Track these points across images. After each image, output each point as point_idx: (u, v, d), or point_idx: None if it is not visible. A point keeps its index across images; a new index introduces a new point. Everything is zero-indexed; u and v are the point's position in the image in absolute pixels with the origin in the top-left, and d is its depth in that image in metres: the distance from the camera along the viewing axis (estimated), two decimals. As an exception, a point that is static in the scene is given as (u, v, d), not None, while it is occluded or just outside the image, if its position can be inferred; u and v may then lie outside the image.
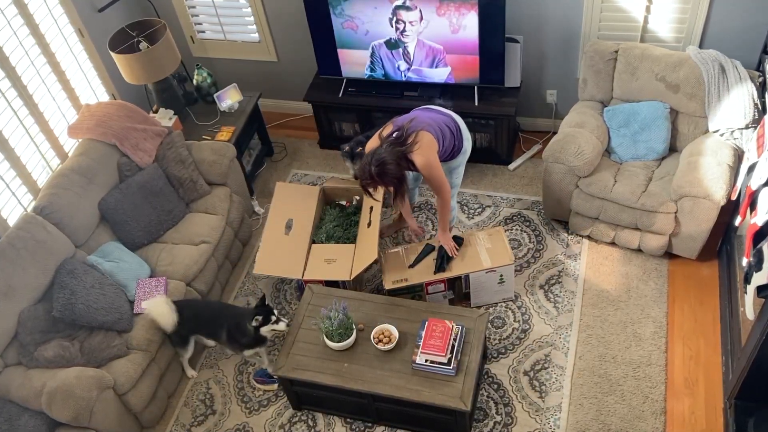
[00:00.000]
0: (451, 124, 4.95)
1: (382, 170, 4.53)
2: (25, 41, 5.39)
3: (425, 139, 4.67)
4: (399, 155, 4.57)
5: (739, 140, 5.02)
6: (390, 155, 4.54)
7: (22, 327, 4.67)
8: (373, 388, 4.43)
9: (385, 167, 4.53)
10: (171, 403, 5.13)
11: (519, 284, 5.40)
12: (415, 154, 4.62)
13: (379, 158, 4.53)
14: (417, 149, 4.62)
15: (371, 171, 4.54)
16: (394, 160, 4.54)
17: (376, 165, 4.52)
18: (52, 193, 5.06)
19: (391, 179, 4.60)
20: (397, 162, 4.56)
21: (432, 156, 4.69)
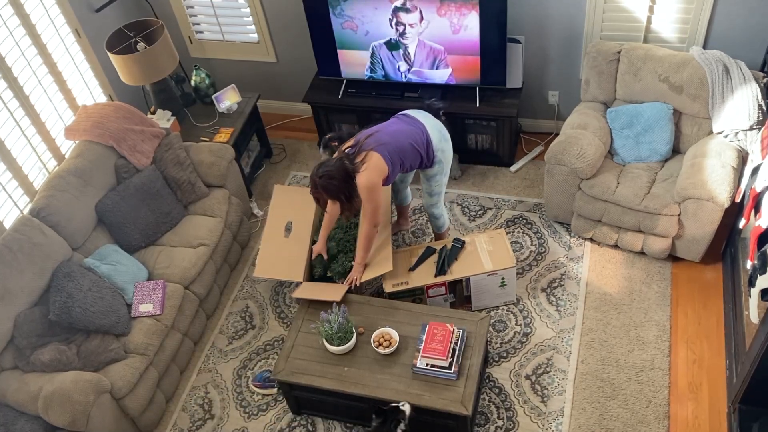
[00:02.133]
0: (419, 137, 4.84)
1: (326, 183, 4.56)
2: (21, 42, 5.36)
3: (372, 161, 4.62)
4: (345, 172, 4.58)
5: (744, 142, 5.00)
6: (337, 171, 4.56)
7: (19, 330, 4.65)
8: (373, 393, 4.41)
9: (329, 181, 4.56)
10: (169, 408, 5.12)
11: (521, 287, 5.38)
12: (359, 175, 4.60)
13: (325, 171, 4.57)
14: (363, 170, 4.59)
15: (316, 181, 4.58)
16: (340, 176, 4.56)
17: (320, 177, 4.56)
18: (48, 195, 5.04)
19: (335, 194, 4.62)
20: (343, 179, 4.57)
21: (374, 179, 4.63)
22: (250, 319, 5.54)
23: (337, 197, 4.63)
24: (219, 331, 5.49)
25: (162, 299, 5.02)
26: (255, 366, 5.24)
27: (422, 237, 5.87)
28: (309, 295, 4.98)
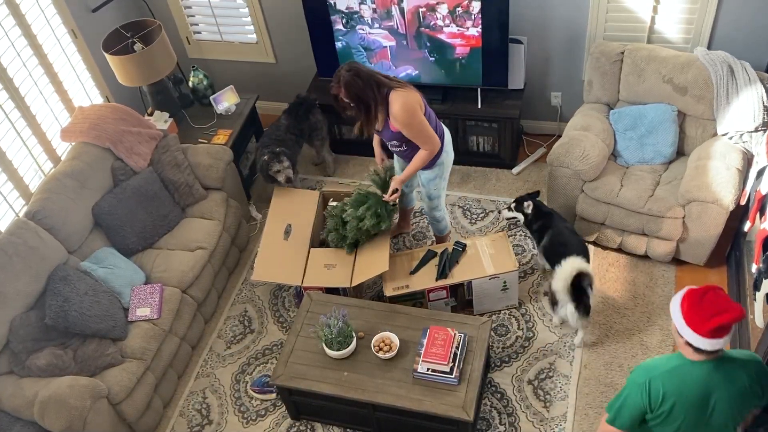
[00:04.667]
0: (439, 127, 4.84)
1: (351, 80, 4.41)
2: (17, 42, 5.35)
3: (412, 92, 4.55)
4: (376, 81, 4.46)
5: (749, 143, 4.99)
6: (368, 75, 4.45)
7: (14, 335, 4.62)
8: (373, 398, 4.39)
9: (354, 78, 4.41)
10: (166, 413, 5.09)
11: (523, 291, 5.35)
12: (395, 93, 4.48)
13: (355, 67, 4.45)
14: (399, 90, 4.50)
15: (341, 74, 4.44)
16: (368, 80, 4.43)
17: (348, 70, 4.42)
18: (44, 197, 5.02)
19: (353, 94, 4.45)
20: (370, 85, 4.44)
21: (411, 101, 4.50)
22: (249, 323, 5.51)
23: (353, 98, 4.47)
24: (217, 335, 5.46)
25: (159, 303, 4.99)
26: (254, 371, 5.21)
27: (423, 240, 5.83)
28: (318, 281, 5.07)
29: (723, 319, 2.87)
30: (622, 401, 3.19)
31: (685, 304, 2.99)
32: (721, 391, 3.04)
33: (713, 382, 3.03)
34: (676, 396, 3.05)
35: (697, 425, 3.13)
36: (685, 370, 3.05)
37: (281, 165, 5.60)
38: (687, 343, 2.99)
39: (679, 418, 3.10)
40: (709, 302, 2.93)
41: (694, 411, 3.08)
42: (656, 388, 3.06)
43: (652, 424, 3.19)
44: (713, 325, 2.88)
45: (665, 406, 3.07)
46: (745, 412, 3.18)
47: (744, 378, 3.06)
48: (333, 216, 5.24)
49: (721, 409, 3.07)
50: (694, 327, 2.93)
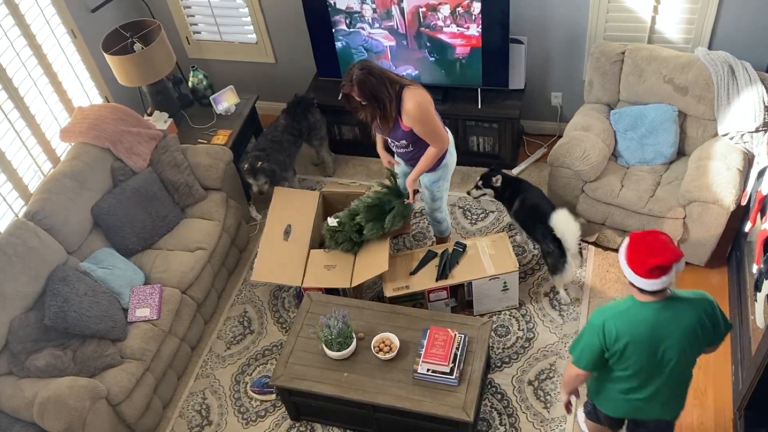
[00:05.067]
0: None
1: (364, 78, 4.35)
2: (16, 42, 5.34)
3: (423, 90, 4.53)
4: (389, 78, 4.43)
5: (749, 144, 4.99)
6: (381, 72, 4.41)
7: (13, 336, 4.61)
8: (373, 399, 4.38)
9: (369, 76, 4.35)
10: (166, 414, 5.08)
11: (523, 292, 5.33)
12: (408, 91, 4.46)
13: (368, 66, 4.41)
14: (412, 88, 4.48)
15: (354, 73, 4.38)
16: (381, 78, 4.39)
17: (361, 69, 4.38)
18: (43, 198, 5.01)
19: (367, 92, 4.40)
20: (383, 82, 4.40)
21: (424, 97, 4.49)
22: (249, 323, 5.50)
23: (367, 97, 4.41)
24: (217, 336, 5.45)
25: (159, 304, 4.98)
26: (253, 371, 5.20)
27: (423, 240, 5.82)
28: (318, 281, 5.07)
29: (658, 261, 3.07)
30: (582, 343, 3.43)
31: (627, 249, 3.21)
32: (670, 329, 3.24)
33: (662, 322, 3.24)
34: (628, 335, 3.25)
35: (651, 363, 3.33)
36: (635, 310, 3.27)
37: (256, 182, 5.67)
38: (632, 284, 3.23)
39: (633, 356, 3.30)
40: (648, 245, 3.14)
41: (645, 349, 3.28)
42: (609, 328, 3.27)
43: (611, 363, 3.39)
44: (649, 266, 3.08)
45: (618, 345, 3.27)
46: (696, 351, 3.39)
47: (692, 316, 3.25)
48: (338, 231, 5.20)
49: (671, 347, 3.27)
50: (634, 268, 3.16)
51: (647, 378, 3.41)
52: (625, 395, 3.53)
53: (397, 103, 4.48)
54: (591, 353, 3.39)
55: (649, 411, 3.59)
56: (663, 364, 3.34)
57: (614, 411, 3.71)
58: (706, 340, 3.36)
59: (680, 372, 3.42)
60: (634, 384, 3.44)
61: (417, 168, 4.78)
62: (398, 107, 4.50)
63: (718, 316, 3.35)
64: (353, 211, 5.15)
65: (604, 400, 3.69)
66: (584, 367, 3.47)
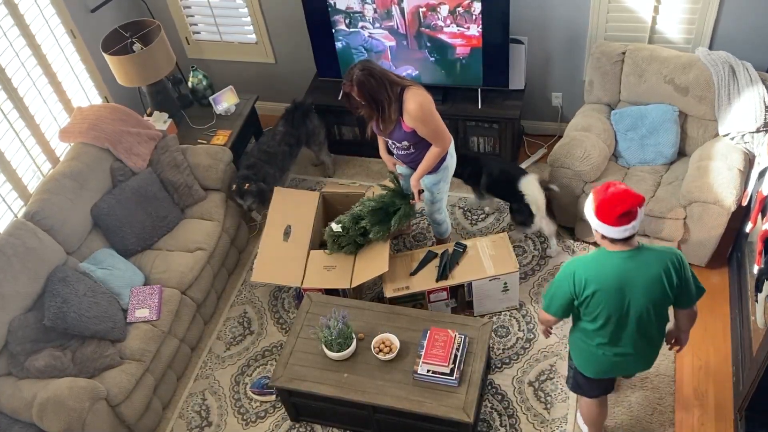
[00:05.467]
0: None
1: (364, 79, 4.34)
2: (15, 42, 5.33)
3: (423, 91, 4.52)
4: (389, 80, 4.42)
5: (750, 144, 4.98)
6: (381, 73, 4.39)
7: (13, 336, 4.61)
8: (373, 400, 4.37)
9: (369, 77, 4.34)
10: (165, 415, 5.07)
11: (524, 292, 5.33)
12: (409, 91, 4.46)
13: (369, 67, 4.39)
14: (413, 88, 4.48)
15: (354, 73, 4.37)
16: (381, 79, 4.38)
17: (362, 70, 4.36)
18: (43, 198, 5.01)
19: (367, 94, 4.39)
20: (383, 83, 4.39)
21: (426, 97, 4.48)
22: (249, 324, 5.49)
23: (366, 98, 4.41)
24: (216, 336, 5.44)
25: (158, 304, 4.97)
26: (253, 372, 5.19)
27: (423, 241, 5.81)
28: (318, 282, 5.07)
29: (625, 207, 3.25)
30: (553, 291, 3.64)
31: (594, 202, 3.37)
32: (635, 278, 3.40)
33: (628, 270, 3.40)
34: (596, 283, 3.42)
35: (618, 313, 3.49)
36: (604, 259, 3.44)
37: (243, 202, 5.66)
38: (603, 236, 3.41)
39: (600, 304, 3.47)
40: (612, 195, 3.31)
41: (612, 298, 3.44)
42: (579, 276, 3.45)
43: (582, 312, 3.59)
44: (618, 213, 3.26)
45: (587, 292, 3.45)
46: (662, 304, 3.53)
47: (657, 266, 3.40)
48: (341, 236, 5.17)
49: (636, 296, 3.43)
50: (604, 219, 3.32)
51: (616, 330, 3.56)
52: (602, 351, 3.68)
53: (399, 105, 4.47)
54: (561, 300, 3.60)
55: (624, 367, 3.84)
56: (629, 314, 3.49)
57: (596, 371, 3.85)
58: (673, 294, 3.49)
59: (649, 324, 3.56)
60: (605, 337, 3.60)
61: (420, 168, 4.77)
62: (399, 108, 4.48)
63: (687, 273, 3.50)
64: (357, 216, 5.12)
65: (585, 362, 3.84)
66: (554, 313, 3.68)
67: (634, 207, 3.26)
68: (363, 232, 5.12)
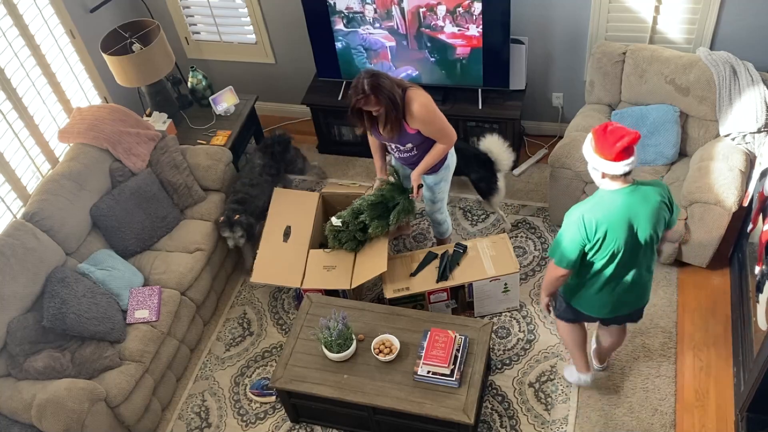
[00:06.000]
0: None
1: (377, 82, 4.32)
2: (14, 42, 5.32)
3: (423, 91, 4.53)
4: (394, 82, 4.41)
5: (751, 145, 4.96)
6: (387, 76, 4.38)
7: (11, 337, 4.59)
8: (373, 401, 4.36)
9: (379, 79, 4.32)
10: (165, 416, 5.06)
11: (524, 293, 5.32)
12: (411, 92, 4.46)
13: (372, 72, 4.37)
14: (414, 89, 4.48)
15: (364, 84, 4.32)
16: (388, 78, 4.37)
17: (370, 77, 4.33)
18: (42, 199, 5.00)
19: (384, 95, 4.35)
20: (392, 82, 4.38)
21: (429, 100, 4.49)
22: (248, 325, 5.48)
23: (384, 100, 4.36)
24: (216, 337, 5.43)
25: (158, 305, 4.95)
26: (253, 373, 5.18)
27: (423, 242, 5.80)
28: (318, 283, 5.07)
29: (626, 142, 3.44)
30: (564, 244, 3.72)
31: (594, 142, 3.55)
32: (640, 209, 3.62)
33: (632, 203, 3.60)
34: (607, 222, 3.59)
35: (628, 245, 3.67)
36: (608, 199, 3.62)
37: (232, 234, 5.43)
38: (604, 175, 3.58)
39: (612, 240, 3.63)
40: (610, 134, 3.49)
41: (622, 231, 3.62)
42: (589, 219, 3.60)
43: (591, 256, 3.73)
44: (620, 149, 3.44)
45: (599, 233, 3.61)
46: (660, 228, 3.76)
47: (656, 197, 3.66)
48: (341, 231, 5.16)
49: (643, 225, 3.64)
50: (606, 155, 3.49)
51: (627, 262, 3.75)
52: (609, 291, 3.89)
53: (402, 107, 4.47)
54: (573, 249, 3.69)
55: (628, 302, 4.02)
56: (638, 244, 3.69)
57: (604, 311, 4.06)
58: (665, 218, 3.76)
59: (649, 252, 3.80)
60: (613, 273, 3.78)
61: (424, 162, 4.76)
62: (403, 111, 4.48)
63: (672, 200, 3.81)
64: (356, 210, 5.11)
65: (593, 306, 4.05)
66: (567, 266, 3.76)
67: (633, 142, 3.46)
68: (363, 227, 5.10)
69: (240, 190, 5.58)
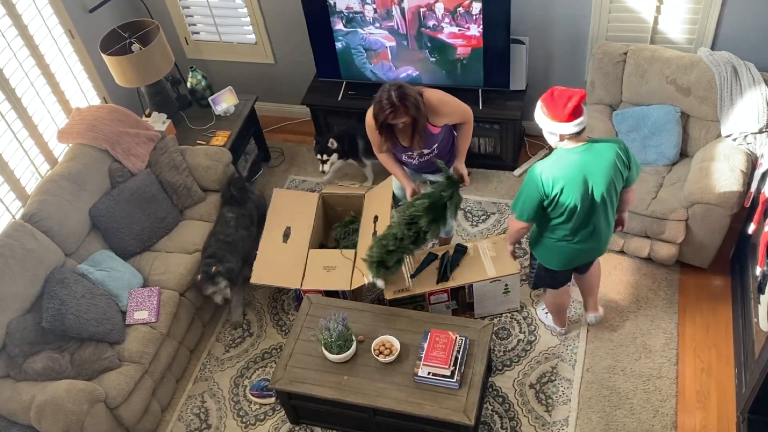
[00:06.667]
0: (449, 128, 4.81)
1: (403, 92, 4.31)
2: (13, 42, 5.30)
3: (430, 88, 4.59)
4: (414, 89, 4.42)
5: (753, 145, 4.94)
6: (408, 86, 4.38)
7: (10, 338, 4.59)
8: (373, 402, 4.35)
9: (404, 89, 4.33)
10: (164, 417, 5.04)
11: (525, 294, 5.31)
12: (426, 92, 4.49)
13: (395, 83, 4.37)
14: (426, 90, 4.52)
15: (392, 96, 4.29)
16: (413, 90, 4.39)
17: (396, 88, 4.32)
18: (41, 199, 4.98)
19: (412, 103, 4.34)
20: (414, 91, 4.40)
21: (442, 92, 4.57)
22: (248, 326, 5.47)
23: (411, 108, 4.35)
24: (216, 338, 5.42)
25: (157, 306, 4.95)
26: (252, 375, 5.17)
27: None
28: (318, 284, 5.07)
29: (575, 102, 3.68)
30: (523, 198, 3.99)
31: (545, 108, 3.80)
32: (595, 166, 3.83)
33: (587, 161, 3.83)
34: (563, 179, 3.82)
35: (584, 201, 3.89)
36: (564, 157, 3.85)
37: (216, 287, 5.10)
38: (561, 136, 3.82)
39: (569, 196, 3.86)
40: (558, 97, 3.74)
41: (578, 187, 3.84)
42: (546, 176, 3.85)
43: (550, 211, 3.99)
44: (570, 110, 3.69)
45: (556, 189, 3.84)
46: (618, 183, 3.98)
47: (611, 153, 3.86)
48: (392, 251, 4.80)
49: (598, 181, 3.85)
50: (558, 118, 3.74)
51: (580, 218, 3.97)
52: (565, 243, 4.13)
53: None
54: (531, 205, 3.96)
55: (585, 254, 4.27)
56: (594, 200, 3.90)
57: (561, 263, 4.31)
58: (623, 177, 3.98)
59: (606, 207, 4.00)
60: (569, 228, 4.03)
61: (462, 147, 4.81)
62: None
63: (630, 157, 3.97)
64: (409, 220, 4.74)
65: (550, 257, 4.30)
66: (526, 219, 4.05)
67: (580, 100, 3.69)
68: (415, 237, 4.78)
69: (213, 247, 5.26)
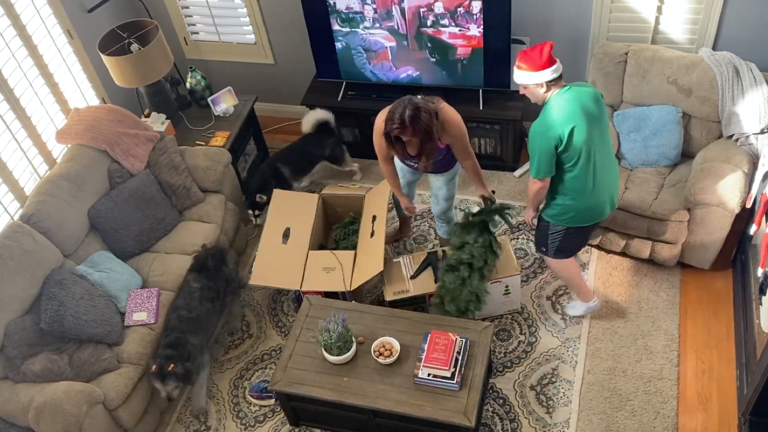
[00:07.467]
0: None
1: (417, 115, 4.31)
2: (12, 42, 5.29)
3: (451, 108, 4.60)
4: (431, 110, 4.41)
5: (754, 146, 4.94)
6: (424, 104, 4.38)
7: (9, 340, 4.58)
8: (373, 403, 4.34)
9: (419, 113, 4.32)
10: (164, 419, 5.04)
11: (525, 295, 5.30)
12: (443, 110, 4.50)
13: (415, 103, 4.36)
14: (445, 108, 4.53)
15: (404, 114, 4.31)
16: (427, 111, 4.36)
17: (412, 108, 4.32)
18: (39, 200, 4.97)
19: (422, 127, 4.34)
20: (430, 114, 4.37)
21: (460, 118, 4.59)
22: (247, 327, 5.46)
23: (420, 132, 4.36)
24: (214, 340, 5.38)
25: (156, 308, 4.94)
26: (252, 376, 5.16)
27: (424, 243, 5.78)
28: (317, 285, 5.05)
29: (547, 50, 4.04)
30: (537, 155, 4.16)
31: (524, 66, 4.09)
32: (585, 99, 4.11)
33: (577, 97, 4.09)
34: (569, 118, 4.04)
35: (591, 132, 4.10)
36: (557, 100, 4.10)
37: (165, 388, 4.66)
38: (546, 82, 4.09)
39: (579, 133, 4.06)
40: (531, 51, 4.07)
41: (584, 121, 4.06)
42: (551, 124, 4.06)
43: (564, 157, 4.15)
44: (546, 56, 4.04)
45: (567, 128, 4.03)
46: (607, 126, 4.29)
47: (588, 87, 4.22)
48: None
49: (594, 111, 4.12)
50: (539, 66, 4.05)
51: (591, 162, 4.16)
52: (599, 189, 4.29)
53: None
54: (547, 157, 4.13)
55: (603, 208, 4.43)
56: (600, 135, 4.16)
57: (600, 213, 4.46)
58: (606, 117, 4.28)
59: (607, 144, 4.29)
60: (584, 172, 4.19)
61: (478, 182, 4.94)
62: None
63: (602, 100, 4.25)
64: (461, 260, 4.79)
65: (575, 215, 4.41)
66: (544, 175, 4.23)
67: (550, 49, 4.04)
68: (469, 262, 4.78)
69: (175, 327, 4.80)
